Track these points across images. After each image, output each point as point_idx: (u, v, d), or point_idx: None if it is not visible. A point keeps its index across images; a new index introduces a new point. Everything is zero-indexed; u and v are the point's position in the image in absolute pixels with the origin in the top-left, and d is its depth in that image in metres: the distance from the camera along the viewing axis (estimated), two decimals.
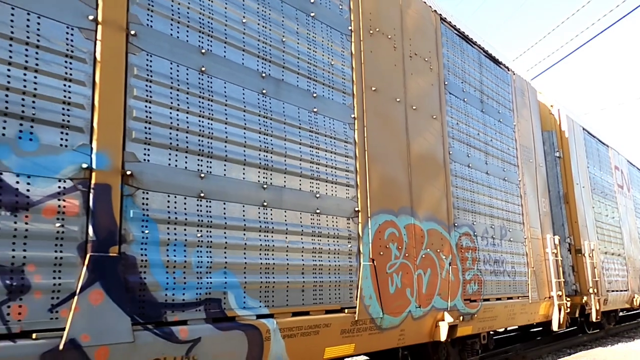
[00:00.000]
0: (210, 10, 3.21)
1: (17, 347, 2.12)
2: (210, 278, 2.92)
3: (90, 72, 2.54)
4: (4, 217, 2.16)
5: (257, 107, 3.37)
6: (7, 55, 2.25)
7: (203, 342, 2.80)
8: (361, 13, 4.44)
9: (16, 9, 2.30)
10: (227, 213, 3.05)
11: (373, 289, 4.01)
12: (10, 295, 2.15)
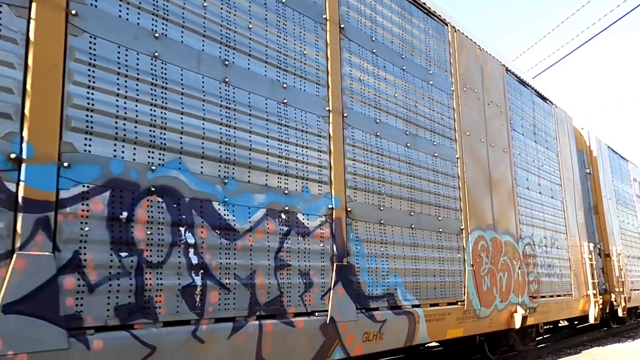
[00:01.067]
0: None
1: (311, 320, 3.50)
2: (388, 279, 4.30)
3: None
4: (299, 241, 3.54)
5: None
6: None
7: (387, 322, 4.17)
8: (458, 76, 5.82)
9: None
10: (394, 234, 4.44)
11: (474, 287, 5.39)
12: (306, 288, 3.53)
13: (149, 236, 2.69)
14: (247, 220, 3.21)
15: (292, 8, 3.87)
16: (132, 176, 2.67)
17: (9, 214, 2.22)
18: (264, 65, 3.55)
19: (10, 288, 2.16)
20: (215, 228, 3.02)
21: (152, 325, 2.65)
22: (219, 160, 3.11)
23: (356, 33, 4.45)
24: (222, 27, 3.29)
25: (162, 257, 2.74)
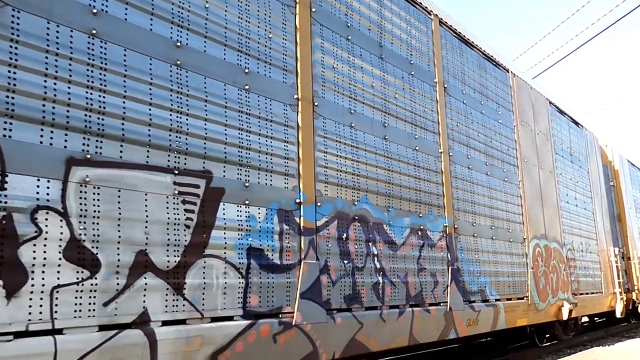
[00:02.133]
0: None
1: (439, 309, 4.85)
2: (480, 279, 5.65)
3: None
4: (429, 251, 4.89)
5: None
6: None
7: (481, 312, 5.52)
8: (517, 113, 7.18)
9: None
10: (482, 244, 5.79)
11: (534, 285, 6.74)
12: (434, 285, 4.88)
13: (356, 249, 4.05)
14: (401, 237, 4.57)
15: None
16: (346, 209, 4.03)
17: (297, 237, 3.57)
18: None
19: (302, 283, 3.52)
20: (386, 243, 4.38)
21: (360, 309, 4.01)
22: (385, 195, 4.47)
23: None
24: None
25: (363, 263, 4.10)
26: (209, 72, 3.22)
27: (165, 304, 2.75)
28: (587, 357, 6.83)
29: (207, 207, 3.03)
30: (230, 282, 3.09)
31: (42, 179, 2.36)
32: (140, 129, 2.80)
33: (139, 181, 2.73)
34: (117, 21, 2.79)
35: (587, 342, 9.28)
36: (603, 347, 8.16)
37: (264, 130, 3.51)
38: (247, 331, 3.11)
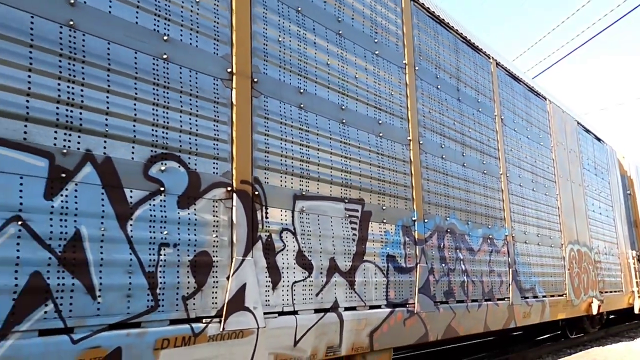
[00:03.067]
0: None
1: (504, 303, 6.01)
2: (531, 278, 6.81)
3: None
4: (495, 255, 6.04)
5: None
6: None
7: (533, 306, 6.68)
8: (554, 134, 8.34)
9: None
10: (532, 249, 6.94)
11: (570, 284, 7.89)
12: (500, 284, 6.03)
13: (449, 255, 5.21)
14: (477, 244, 5.73)
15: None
16: (441, 224, 5.19)
17: (414, 247, 4.73)
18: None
19: (418, 281, 4.67)
20: (467, 249, 5.54)
21: (454, 302, 5.16)
22: (466, 211, 5.63)
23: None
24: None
25: (454, 266, 5.26)
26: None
27: (345, 295, 3.91)
28: (587, 357, 6.80)
29: (362, 225, 4.19)
30: (379, 280, 4.25)
31: (283, 210, 3.52)
32: (327, 172, 3.99)
33: (328, 208, 3.89)
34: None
35: (587, 342, 9.36)
36: (603, 347, 8.18)
37: (392, 166, 4.61)
38: (389, 316, 4.27)
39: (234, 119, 3.33)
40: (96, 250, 2.50)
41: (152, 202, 2.76)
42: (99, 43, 2.69)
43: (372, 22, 4.75)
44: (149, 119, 2.87)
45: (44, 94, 2.41)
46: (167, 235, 2.81)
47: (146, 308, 2.66)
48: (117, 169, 2.64)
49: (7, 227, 2.21)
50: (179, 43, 3.11)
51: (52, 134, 2.40)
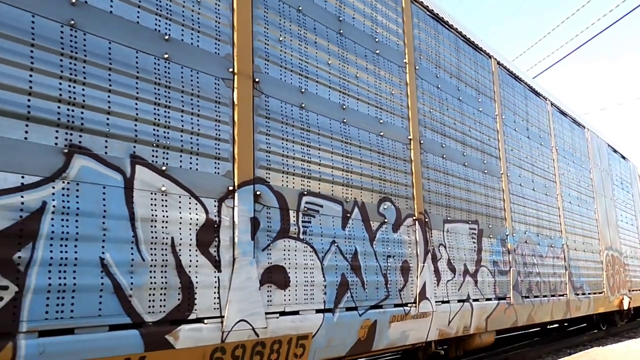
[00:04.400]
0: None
1: (562, 298, 7.61)
2: (581, 279, 8.40)
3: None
4: (556, 261, 7.64)
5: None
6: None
7: (582, 301, 8.27)
8: (591, 157, 9.93)
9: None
10: (580, 255, 8.53)
11: (607, 284, 9.48)
12: (560, 283, 7.63)
13: (527, 261, 6.80)
14: (545, 252, 7.32)
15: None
16: (522, 237, 6.79)
17: (507, 255, 6.34)
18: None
19: (512, 280, 6.27)
20: (539, 256, 7.12)
21: (533, 297, 6.75)
22: (537, 226, 7.22)
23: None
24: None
25: (531, 269, 6.84)
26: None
27: (473, 290, 5.50)
28: (587, 357, 6.89)
29: (478, 240, 5.78)
30: (490, 279, 5.85)
31: (438, 231, 5.12)
32: (460, 203, 5.59)
33: (461, 229, 5.49)
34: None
35: (587, 342, 9.56)
36: (603, 347, 8.29)
37: (494, 195, 6.19)
38: (497, 307, 5.85)
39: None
40: (363, 260, 4.10)
41: (382, 229, 4.36)
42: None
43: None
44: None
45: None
46: (390, 250, 4.40)
47: (384, 296, 4.26)
48: (366, 209, 4.24)
49: (330, 247, 3.81)
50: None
51: (341, 192, 4.01)
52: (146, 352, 2.60)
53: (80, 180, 2.48)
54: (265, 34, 3.68)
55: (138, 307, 2.62)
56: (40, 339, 2.25)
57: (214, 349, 2.94)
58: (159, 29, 3.00)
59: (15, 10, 2.37)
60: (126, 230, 2.62)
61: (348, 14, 4.50)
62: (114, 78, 2.71)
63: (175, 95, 3.02)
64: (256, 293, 3.21)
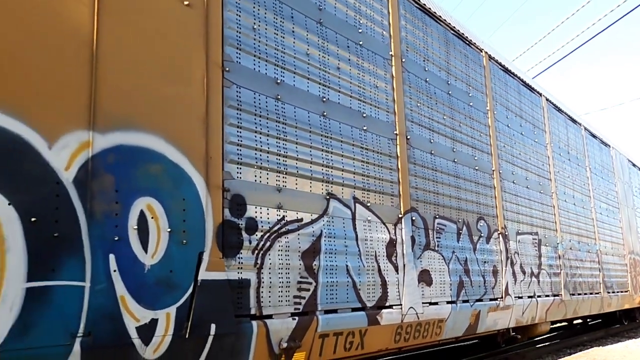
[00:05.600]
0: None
1: (598, 295, 9.02)
2: (611, 279, 9.80)
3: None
4: (593, 264, 9.05)
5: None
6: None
7: (612, 298, 9.68)
8: (616, 173, 11.33)
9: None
10: (609, 260, 9.95)
11: (631, 283, 10.89)
12: (595, 283, 9.04)
13: (572, 264, 8.21)
14: (584, 257, 8.72)
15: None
16: (568, 244, 8.21)
17: (558, 260, 7.75)
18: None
19: (563, 280, 7.68)
20: (579, 260, 8.53)
21: (577, 295, 8.15)
22: (578, 235, 8.63)
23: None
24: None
25: (575, 271, 8.25)
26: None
27: (537, 288, 6.89)
28: (587, 357, 6.88)
29: (538, 248, 7.18)
30: (547, 280, 7.25)
31: (513, 241, 6.54)
32: (526, 219, 6.98)
33: (528, 239, 6.92)
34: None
35: (587, 342, 9.67)
36: (603, 347, 8.36)
37: (547, 210, 7.60)
38: (553, 302, 7.26)
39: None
40: (470, 265, 5.50)
41: (480, 241, 5.76)
42: None
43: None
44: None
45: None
46: (485, 257, 5.81)
47: (484, 292, 5.66)
48: (470, 227, 5.65)
49: (452, 255, 5.22)
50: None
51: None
52: (368, 326, 4.01)
53: (333, 215, 3.89)
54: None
55: (363, 297, 4.02)
56: (325, 315, 3.65)
57: (398, 326, 4.34)
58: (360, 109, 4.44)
59: (299, 110, 3.79)
60: (355, 246, 4.03)
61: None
62: (344, 148, 4.12)
63: (373, 156, 4.46)
64: (416, 289, 4.61)
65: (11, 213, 2.19)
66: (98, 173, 2.52)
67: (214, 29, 3.23)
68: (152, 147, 2.76)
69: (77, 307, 2.35)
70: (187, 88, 3.00)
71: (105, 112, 2.58)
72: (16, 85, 2.30)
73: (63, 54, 2.48)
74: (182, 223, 2.84)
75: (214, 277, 2.94)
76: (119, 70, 2.68)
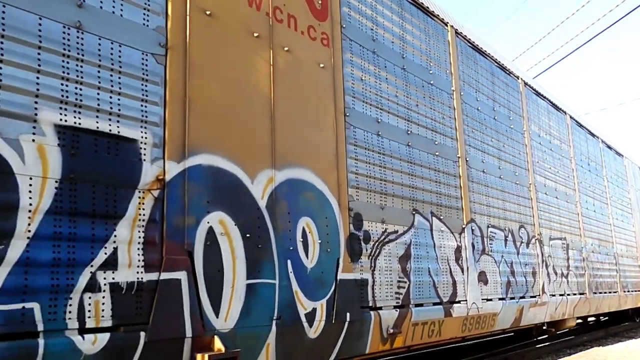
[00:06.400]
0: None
1: (627, 293, 9.94)
2: (627, 279, 10.71)
3: None
4: (634, 267, 9.97)
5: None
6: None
7: (628, 296, 10.59)
8: (629, 181, 12.24)
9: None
10: (626, 265, 10.85)
11: None
12: (629, 283, 9.96)
13: (594, 266, 9.13)
14: (604, 259, 9.63)
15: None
16: (591, 248, 9.12)
17: (583, 262, 8.67)
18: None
19: (587, 280, 8.59)
20: (600, 262, 9.43)
21: (598, 293, 9.05)
22: (598, 239, 9.55)
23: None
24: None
25: (596, 272, 9.16)
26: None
27: (566, 287, 7.79)
28: (587, 357, 6.92)
29: (566, 251, 8.08)
30: (574, 280, 8.16)
31: (545, 246, 7.46)
32: (557, 226, 7.88)
33: (558, 244, 7.83)
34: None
35: (587, 342, 9.69)
36: (603, 347, 8.37)
37: (571, 217, 8.50)
38: (579, 300, 8.17)
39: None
40: (515, 267, 6.42)
41: (522, 246, 6.68)
42: None
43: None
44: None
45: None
46: (526, 260, 6.71)
47: (526, 290, 6.57)
48: (514, 234, 6.56)
49: (501, 259, 6.13)
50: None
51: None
52: (444, 317, 4.91)
53: (418, 227, 4.81)
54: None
55: (440, 293, 4.93)
56: (416, 307, 4.56)
57: (464, 318, 5.24)
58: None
59: None
60: (433, 252, 4.95)
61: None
62: (423, 171, 5.05)
63: (443, 177, 5.44)
64: (477, 287, 5.52)
65: (237, 231, 3.11)
66: (278, 200, 3.43)
67: (338, 83, 4.15)
68: (307, 179, 3.68)
69: (272, 298, 3.26)
70: (325, 132, 3.92)
71: (279, 155, 3.50)
72: (233, 139, 3.21)
73: (258, 115, 3.40)
74: (326, 236, 3.75)
75: (347, 277, 3.86)
76: (286, 122, 3.60)
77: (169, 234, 2.77)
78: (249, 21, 3.45)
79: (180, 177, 2.88)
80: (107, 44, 2.66)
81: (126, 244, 2.58)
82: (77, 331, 2.35)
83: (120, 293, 2.53)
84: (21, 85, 2.32)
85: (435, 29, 5.73)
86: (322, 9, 4.08)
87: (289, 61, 3.70)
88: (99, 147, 2.55)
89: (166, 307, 2.69)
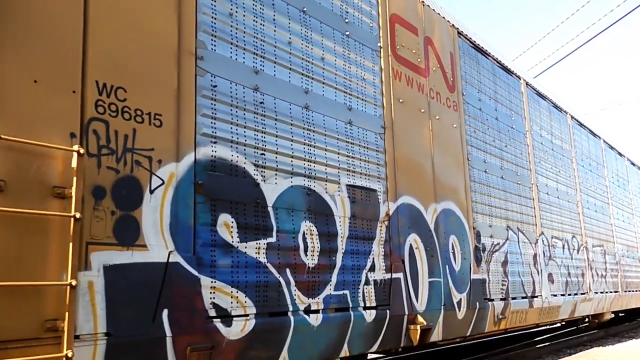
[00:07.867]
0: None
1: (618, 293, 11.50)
2: (628, 278, 12.28)
3: None
4: (612, 264, 11.52)
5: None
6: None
7: (633, 296, 12.16)
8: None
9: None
10: (630, 269, 12.42)
11: None
12: (639, 281, 11.52)
13: (623, 268, 10.69)
14: (631, 262, 11.18)
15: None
16: (621, 252, 10.69)
17: (617, 265, 10.24)
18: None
19: (620, 280, 10.16)
20: (628, 265, 10.99)
21: (627, 291, 10.62)
22: (626, 245, 11.11)
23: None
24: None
25: (624, 273, 10.72)
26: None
27: (605, 286, 9.36)
28: (587, 357, 6.99)
29: (604, 256, 9.65)
30: (610, 280, 9.73)
31: (589, 252, 9.04)
32: (597, 235, 9.43)
33: (598, 250, 9.42)
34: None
35: (587, 342, 9.77)
36: (603, 347, 8.39)
37: (607, 227, 10.05)
38: (614, 297, 9.73)
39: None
40: (570, 269, 8.00)
41: (574, 252, 8.26)
42: None
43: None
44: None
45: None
46: (577, 264, 8.29)
47: (578, 288, 8.15)
48: (568, 241, 8.15)
49: (561, 263, 7.72)
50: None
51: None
52: (528, 308, 6.50)
53: (510, 239, 6.42)
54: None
55: (525, 290, 6.53)
56: (512, 300, 6.14)
57: (540, 309, 6.83)
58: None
59: None
60: (520, 258, 6.55)
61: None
62: (513, 198, 6.65)
63: (524, 200, 6.96)
64: (547, 285, 7.11)
65: (422, 246, 4.71)
66: (439, 223, 5.03)
67: (463, 138, 5.77)
68: (452, 208, 5.28)
69: (440, 291, 4.86)
70: (459, 174, 5.52)
71: (438, 192, 5.10)
72: (416, 184, 4.81)
73: (427, 166, 5.02)
74: (464, 248, 5.35)
75: (475, 277, 5.45)
76: (440, 170, 5.20)
77: (394, 249, 4.37)
78: (419, 102, 5.06)
79: (395, 212, 4.48)
80: (361, 131, 4.27)
81: (377, 255, 4.18)
82: (363, 308, 3.96)
83: (377, 286, 4.13)
84: (333, 164, 3.94)
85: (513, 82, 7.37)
86: (452, 84, 5.68)
87: (439, 125, 5.31)
88: (362, 196, 4.16)
89: (396, 295, 4.29)
